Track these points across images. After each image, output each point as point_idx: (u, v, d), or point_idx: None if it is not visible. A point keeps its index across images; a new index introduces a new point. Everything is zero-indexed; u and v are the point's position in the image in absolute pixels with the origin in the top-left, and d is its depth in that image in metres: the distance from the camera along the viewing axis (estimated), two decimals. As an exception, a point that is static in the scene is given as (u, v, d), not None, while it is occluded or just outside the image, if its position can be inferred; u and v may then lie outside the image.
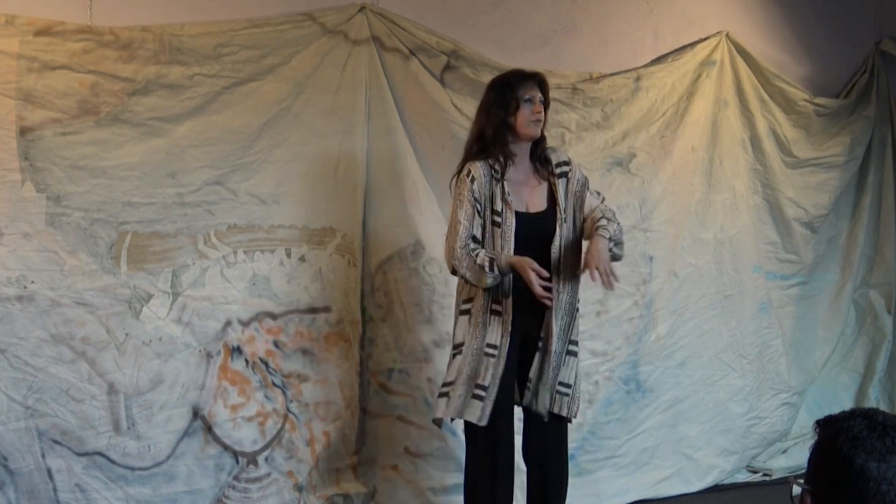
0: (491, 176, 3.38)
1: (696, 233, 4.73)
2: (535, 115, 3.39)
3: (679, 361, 4.66)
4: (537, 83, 3.45)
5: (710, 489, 4.67)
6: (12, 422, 3.42)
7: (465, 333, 3.40)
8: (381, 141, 4.05)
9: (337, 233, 3.98)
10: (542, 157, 3.49)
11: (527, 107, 3.39)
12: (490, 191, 3.37)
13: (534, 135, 3.42)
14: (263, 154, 3.84)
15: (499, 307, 3.36)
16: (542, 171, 3.48)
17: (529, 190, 3.45)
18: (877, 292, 5.38)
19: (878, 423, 1.50)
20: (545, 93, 3.47)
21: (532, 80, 3.44)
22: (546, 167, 3.48)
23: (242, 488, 3.78)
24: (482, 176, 3.37)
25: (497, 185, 3.38)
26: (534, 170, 3.48)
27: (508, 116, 3.39)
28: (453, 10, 4.32)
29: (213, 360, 3.74)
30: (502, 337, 3.36)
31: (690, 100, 4.71)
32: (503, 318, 3.36)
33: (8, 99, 3.44)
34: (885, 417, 1.52)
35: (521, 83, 3.42)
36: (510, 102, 3.39)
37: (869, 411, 1.54)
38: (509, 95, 3.40)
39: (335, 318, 3.97)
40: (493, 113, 3.41)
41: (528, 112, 3.39)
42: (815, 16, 5.28)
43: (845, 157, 5.22)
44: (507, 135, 3.41)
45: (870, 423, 1.50)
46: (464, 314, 3.43)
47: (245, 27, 3.80)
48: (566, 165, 3.51)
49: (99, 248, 3.56)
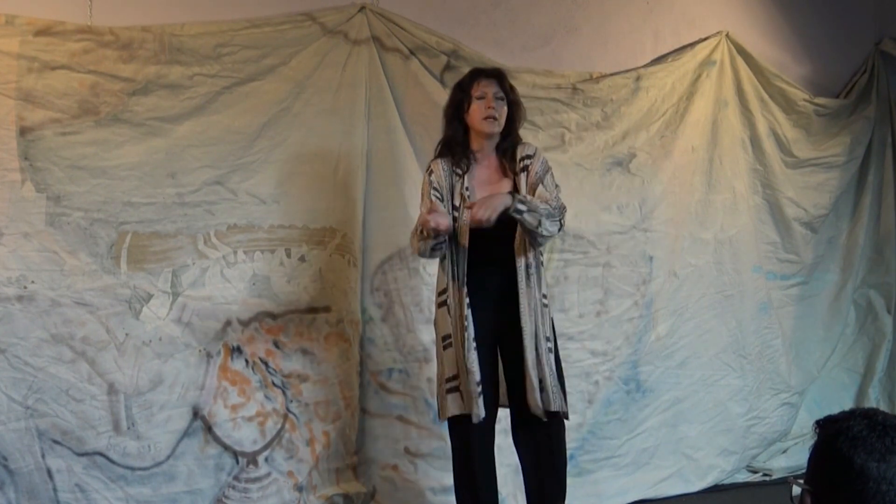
0: (452, 172, 3.43)
1: (696, 233, 4.73)
2: (487, 112, 3.40)
3: (679, 361, 4.66)
4: (493, 79, 3.46)
5: (710, 489, 4.67)
6: (12, 422, 3.42)
7: (449, 325, 3.41)
8: (381, 141, 4.05)
9: (337, 233, 3.98)
10: (508, 152, 3.49)
11: (479, 104, 3.42)
12: (450, 186, 3.42)
13: (489, 131, 3.44)
14: (263, 154, 3.84)
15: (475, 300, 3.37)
16: (509, 167, 3.48)
17: (492, 185, 3.46)
18: (877, 292, 5.38)
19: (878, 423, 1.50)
20: (504, 88, 3.46)
21: (486, 77, 3.46)
22: (512, 162, 3.48)
23: (242, 488, 3.78)
24: (441, 171, 3.45)
25: (458, 180, 3.42)
26: (499, 165, 3.50)
27: (463, 115, 3.45)
28: (453, 10, 4.32)
29: (213, 360, 3.74)
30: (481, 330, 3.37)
31: (690, 100, 4.71)
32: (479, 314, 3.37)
33: (8, 99, 3.44)
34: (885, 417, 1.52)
35: (474, 81, 3.46)
36: (463, 101, 3.44)
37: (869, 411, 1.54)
38: (462, 94, 3.46)
39: (335, 318, 3.97)
40: (449, 114, 3.49)
41: (480, 108, 3.41)
42: (815, 16, 5.28)
43: (845, 157, 5.22)
44: (466, 133, 3.46)
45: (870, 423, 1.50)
46: (441, 306, 3.45)
47: (245, 27, 3.81)
48: (528, 159, 3.48)
49: (99, 248, 3.56)
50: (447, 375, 3.43)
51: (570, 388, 4.31)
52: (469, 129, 3.47)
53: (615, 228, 4.47)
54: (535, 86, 4.35)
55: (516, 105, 3.51)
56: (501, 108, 3.44)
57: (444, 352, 3.44)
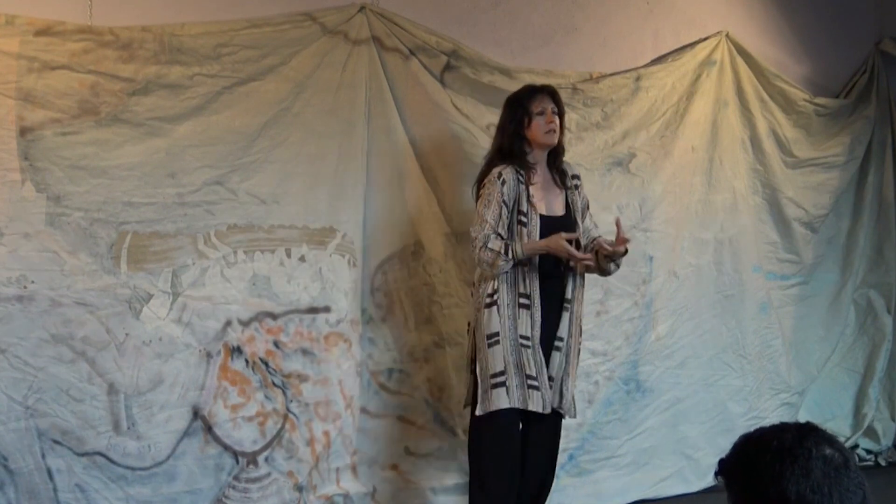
0: (517, 180, 3.60)
1: (696, 233, 4.73)
2: (548, 126, 3.66)
3: (679, 361, 4.66)
4: (548, 95, 3.71)
5: (710, 489, 4.67)
6: (12, 422, 3.41)
7: (498, 324, 3.55)
8: (381, 141, 4.05)
9: (337, 233, 3.98)
10: (558, 167, 3.76)
11: (539, 119, 3.66)
12: (517, 193, 3.60)
13: (550, 143, 3.70)
14: (263, 154, 3.84)
15: (527, 301, 3.57)
16: (560, 180, 3.74)
17: (550, 195, 3.71)
18: (877, 292, 5.39)
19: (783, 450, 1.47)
20: (558, 103, 3.72)
21: (542, 93, 3.72)
22: (562, 177, 3.75)
23: (242, 488, 3.78)
24: (511, 179, 3.60)
25: (523, 188, 3.60)
26: (553, 177, 3.74)
27: (524, 130, 3.66)
28: (453, 10, 4.32)
29: (213, 360, 3.74)
30: (532, 329, 3.56)
31: (690, 100, 4.71)
32: (531, 311, 3.57)
33: (8, 99, 3.43)
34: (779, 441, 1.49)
35: (532, 97, 3.70)
36: (523, 117, 3.66)
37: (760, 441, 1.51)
38: (522, 111, 3.67)
39: (335, 318, 3.96)
40: (509, 128, 3.69)
41: (541, 123, 3.65)
42: (815, 16, 5.28)
43: (845, 157, 5.22)
44: (525, 146, 3.68)
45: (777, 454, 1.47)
46: (490, 306, 3.57)
47: (245, 27, 3.80)
48: (577, 180, 3.82)
49: (99, 248, 3.56)
50: (493, 371, 3.55)
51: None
52: (528, 143, 3.69)
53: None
54: (535, 86, 4.35)
55: (563, 118, 3.78)
56: (557, 122, 3.69)
57: (490, 349, 3.56)
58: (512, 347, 3.54)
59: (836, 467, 1.45)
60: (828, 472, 1.44)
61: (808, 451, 1.46)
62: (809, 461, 1.45)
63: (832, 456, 1.46)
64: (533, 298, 3.57)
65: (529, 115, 3.66)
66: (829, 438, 1.49)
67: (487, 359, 3.56)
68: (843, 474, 1.44)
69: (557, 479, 4.18)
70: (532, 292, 3.57)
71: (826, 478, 1.43)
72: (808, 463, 1.44)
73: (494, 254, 3.50)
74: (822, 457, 1.45)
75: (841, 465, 1.45)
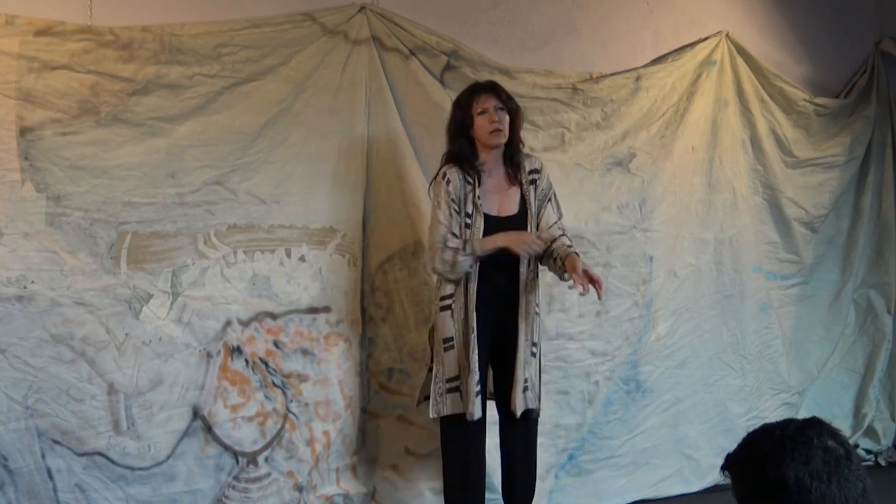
0: (464, 181, 3.56)
1: (696, 233, 4.73)
2: (491, 126, 3.58)
3: (679, 361, 4.66)
4: (490, 92, 3.63)
5: (710, 489, 4.67)
6: (12, 422, 3.42)
7: (451, 329, 3.54)
8: (381, 141, 4.05)
9: (337, 233, 3.98)
10: (514, 162, 3.67)
11: (481, 119, 3.59)
12: (463, 194, 3.55)
13: (495, 143, 3.62)
14: (263, 154, 3.84)
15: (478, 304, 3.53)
16: (515, 176, 3.66)
17: (502, 195, 3.64)
18: (877, 292, 5.38)
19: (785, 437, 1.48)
20: (502, 98, 3.62)
21: (483, 92, 3.63)
22: (518, 172, 3.66)
23: (242, 488, 3.78)
24: (457, 179, 3.57)
25: (469, 189, 3.56)
26: (506, 174, 3.66)
27: (469, 131, 3.61)
28: (453, 10, 4.32)
29: (213, 360, 3.74)
30: (482, 334, 3.53)
31: (690, 100, 4.71)
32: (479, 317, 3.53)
33: (8, 99, 3.44)
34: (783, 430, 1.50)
35: (473, 98, 3.62)
36: (466, 119, 3.60)
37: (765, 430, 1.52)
38: (464, 113, 3.61)
39: (335, 318, 3.97)
40: (454, 132, 3.64)
41: (484, 123, 3.58)
42: (815, 16, 5.28)
43: (845, 157, 5.22)
44: (472, 148, 3.62)
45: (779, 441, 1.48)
46: (445, 310, 3.57)
47: (245, 27, 3.80)
48: (536, 173, 3.70)
49: (99, 248, 3.56)
50: (448, 376, 3.55)
51: (570, 388, 4.35)
52: (474, 143, 3.63)
53: (615, 228, 4.47)
54: (535, 86, 4.35)
55: (515, 111, 3.68)
56: (504, 118, 3.60)
57: (445, 353, 3.56)
58: (464, 352, 3.52)
59: (837, 457, 1.45)
60: (828, 461, 1.44)
61: (809, 439, 1.47)
62: (810, 449, 1.45)
63: (834, 447, 1.47)
64: (479, 304, 3.52)
65: (471, 117, 3.60)
66: (832, 432, 1.50)
67: (443, 363, 3.56)
68: (843, 465, 1.45)
69: (557, 479, 4.19)
70: (469, 296, 3.52)
71: (826, 466, 1.44)
72: (808, 450, 1.45)
73: (453, 252, 3.47)
74: (824, 447, 1.46)
75: (842, 457, 1.46)
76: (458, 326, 3.54)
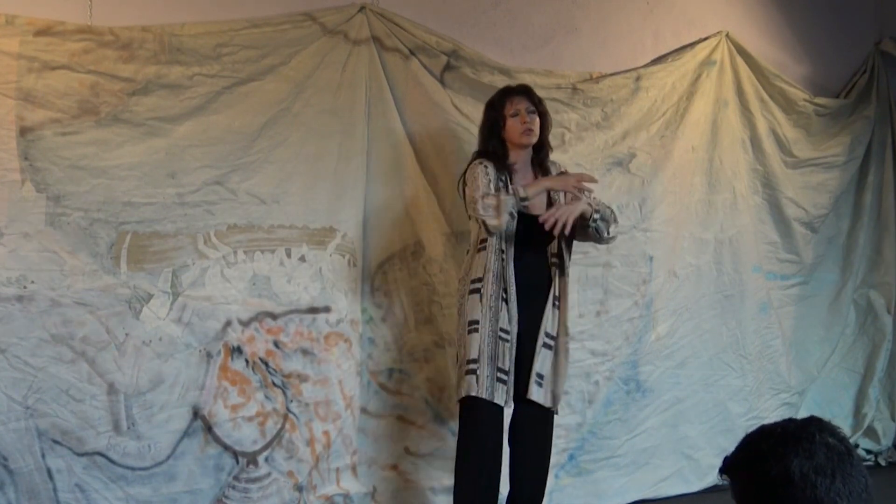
0: (497, 177, 3.61)
1: (696, 233, 4.73)
2: (523, 127, 3.66)
3: (679, 361, 4.66)
4: (523, 95, 3.71)
5: (710, 489, 4.67)
6: (12, 422, 3.41)
7: (479, 313, 3.55)
8: (381, 141, 4.05)
9: (337, 233, 3.98)
10: (543, 165, 3.75)
11: (513, 121, 3.66)
12: (496, 188, 3.58)
13: (527, 143, 3.69)
14: (263, 154, 3.84)
15: (506, 295, 3.55)
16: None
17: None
18: (877, 292, 5.38)
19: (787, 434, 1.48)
20: (534, 101, 3.71)
21: (516, 94, 3.71)
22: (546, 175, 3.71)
23: (242, 488, 3.78)
24: (493, 171, 3.62)
25: (502, 185, 3.60)
26: (535, 177, 3.71)
27: (500, 132, 3.67)
28: (453, 10, 4.32)
29: (213, 360, 3.74)
30: (510, 323, 3.55)
31: (690, 100, 4.71)
32: (509, 306, 3.55)
33: (8, 99, 3.43)
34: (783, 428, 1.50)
35: (505, 100, 3.70)
36: (498, 120, 3.67)
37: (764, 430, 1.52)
38: (496, 114, 3.68)
39: (335, 318, 3.96)
40: (486, 132, 3.70)
41: (516, 125, 3.66)
42: (815, 16, 5.28)
43: (845, 157, 5.22)
44: (503, 149, 3.68)
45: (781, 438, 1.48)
46: (474, 293, 3.59)
47: (245, 27, 3.80)
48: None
49: (99, 248, 3.56)
50: (469, 357, 3.56)
51: (570, 388, 4.33)
52: (506, 144, 3.69)
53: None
54: (535, 86, 4.32)
55: (545, 116, 3.76)
56: (535, 120, 3.68)
57: (469, 336, 3.57)
58: (490, 339, 3.54)
59: (839, 454, 1.46)
60: (831, 457, 1.45)
61: (812, 435, 1.47)
62: (813, 444, 1.46)
63: (835, 444, 1.47)
64: (510, 293, 3.55)
65: (504, 118, 3.67)
66: (832, 429, 1.51)
67: (466, 344, 3.58)
68: (846, 461, 1.45)
69: (557, 479, 4.19)
70: (509, 287, 3.55)
71: (829, 461, 1.44)
72: (811, 446, 1.45)
73: (492, 197, 3.48)
74: (826, 443, 1.46)
75: (844, 453, 1.46)
76: (486, 312, 3.54)
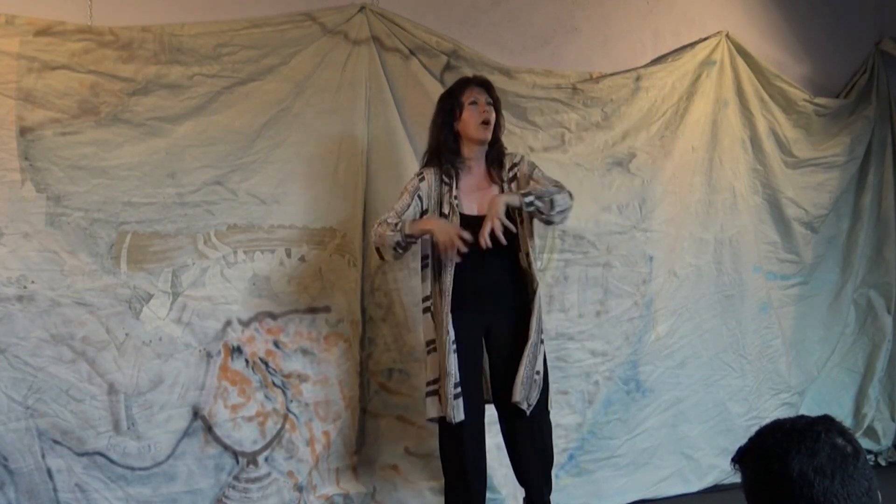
0: (441, 181, 3.50)
1: (696, 233, 4.73)
2: (481, 116, 3.50)
3: (679, 361, 4.66)
4: (482, 87, 3.57)
5: (710, 489, 4.67)
6: (12, 422, 3.42)
7: (433, 332, 3.50)
8: (381, 141, 4.06)
9: (337, 233, 3.98)
10: (497, 161, 3.59)
11: (472, 109, 3.51)
12: (439, 195, 3.50)
13: (483, 137, 3.53)
14: (263, 154, 3.84)
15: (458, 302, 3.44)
16: (497, 175, 3.58)
17: (481, 193, 3.54)
18: (877, 292, 5.38)
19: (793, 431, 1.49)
20: (492, 95, 3.57)
21: (476, 85, 3.57)
22: (500, 171, 3.58)
23: (242, 488, 3.78)
24: (433, 180, 3.52)
25: (446, 190, 3.49)
26: (488, 174, 3.59)
27: (455, 122, 3.52)
28: (453, 10, 4.32)
29: (213, 360, 3.74)
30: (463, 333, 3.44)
31: (690, 100, 4.71)
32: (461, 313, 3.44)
33: (8, 99, 3.44)
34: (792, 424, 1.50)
35: (464, 88, 3.56)
36: (454, 109, 3.52)
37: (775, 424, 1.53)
38: (453, 102, 3.53)
39: (335, 318, 3.97)
40: (440, 122, 3.55)
41: (474, 113, 3.51)
42: (815, 16, 5.28)
43: (845, 157, 5.22)
44: (457, 141, 3.54)
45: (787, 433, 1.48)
46: (426, 312, 3.53)
47: (245, 27, 3.81)
48: (516, 167, 3.59)
49: (99, 248, 3.56)
50: (429, 378, 3.53)
51: (570, 388, 4.34)
52: (459, 138, 3.55)
53: (615, 228, 4.47)
54: (535, 86, 4.36)
55: (500, 114, 3.62)
56: (492, 114, 3.54)
57: (428, 356, 3.53)
58: (447, 355, 3.40)
59: (843, 455, 1.46)
60: (834, 458, 1.45)
61: (818, 434, 1.47)
62: (817, 443, 1.46)
63: (842, 445, 1.47)
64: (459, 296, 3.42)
65: (461, 106, 3.50)
66: (841, 429, 1.51)
67: (427, 366, 3.54)
68: (849, 462, 1.45)
69: (557, 478, 4.18)
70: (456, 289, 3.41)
71: (832, 462, 1.44)
72: (815, 445, 1.45)
73: (385, 226, 3.42)
74: (832, 443, 1.46)
75: (849, 455, 1.46)
76: (439, 329, 3.46)
